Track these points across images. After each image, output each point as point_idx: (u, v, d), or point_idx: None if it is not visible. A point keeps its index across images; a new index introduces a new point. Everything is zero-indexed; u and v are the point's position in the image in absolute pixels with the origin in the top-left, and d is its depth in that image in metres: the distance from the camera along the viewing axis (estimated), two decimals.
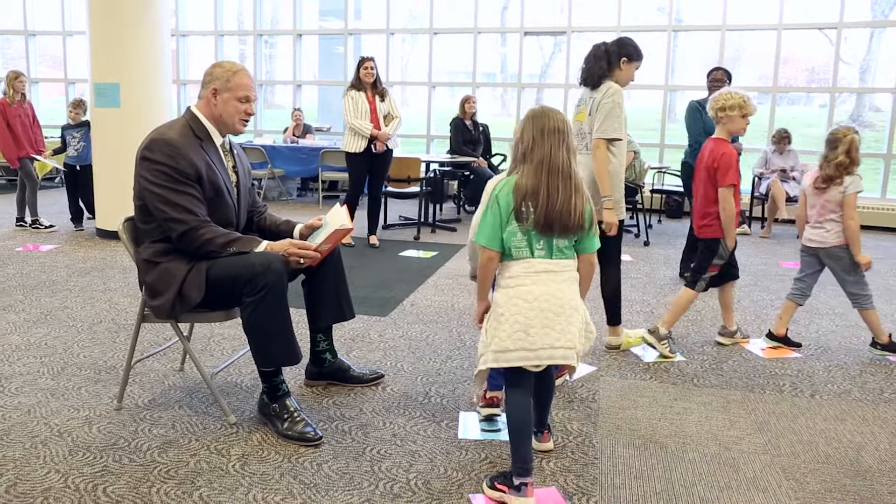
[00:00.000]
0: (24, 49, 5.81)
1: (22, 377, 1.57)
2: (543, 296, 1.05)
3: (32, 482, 1.13)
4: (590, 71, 1.71)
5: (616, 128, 1.64)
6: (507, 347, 1.04)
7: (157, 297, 1.29)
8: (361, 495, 1.11)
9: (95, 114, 3.15)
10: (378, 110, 3.02)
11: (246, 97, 1.31)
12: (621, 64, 1.70)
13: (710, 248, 1.77)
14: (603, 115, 1.64)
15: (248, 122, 1.35)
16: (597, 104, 1.67)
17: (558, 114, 1.10)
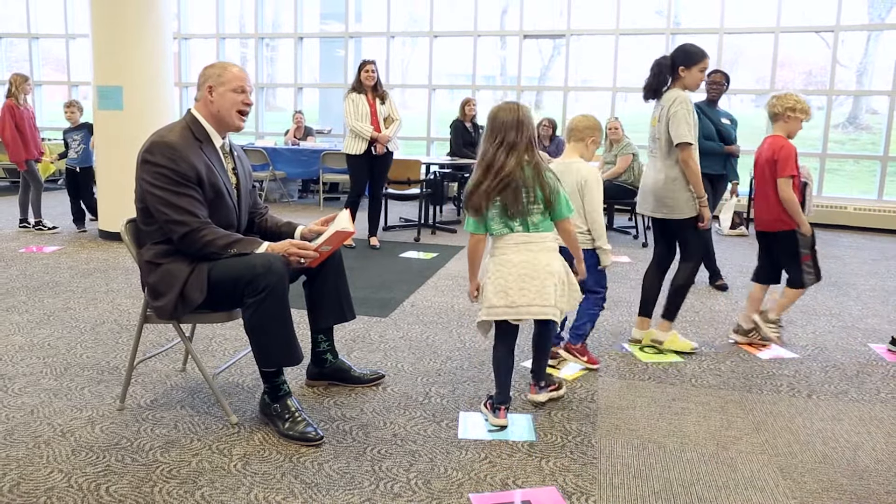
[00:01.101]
0: (28, 52, 5.84)
1: (25, 377, 1.58)
2: (521, 263, 1.31)
3: (35, 482, 1.14)
4: (648, 85, 1.80)
5: (683, 134, 1.71)
6: (494, 304, 1.32)
7: (159, 298, 1.31)
8: (362, 495, 1.12)
9: (98, 116, 3.18)
10: (378, 113, 3.04)
11: (241, 87, 1.32)
12: (681, 72, 1.75)
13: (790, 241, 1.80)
14: (676, 123, 1.71)
15: (246, 115, 1.35)
16: (666, 113, 1.74)
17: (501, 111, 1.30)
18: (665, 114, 1.73)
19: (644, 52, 4.89)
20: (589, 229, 1.63)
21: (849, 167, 8.06)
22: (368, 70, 3.00)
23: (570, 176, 1.63)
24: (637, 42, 4.81)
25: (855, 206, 4.11)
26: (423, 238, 3.50)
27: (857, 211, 4.11)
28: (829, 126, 4.35)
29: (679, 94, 1.73)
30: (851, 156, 8.31)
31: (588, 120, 1.67)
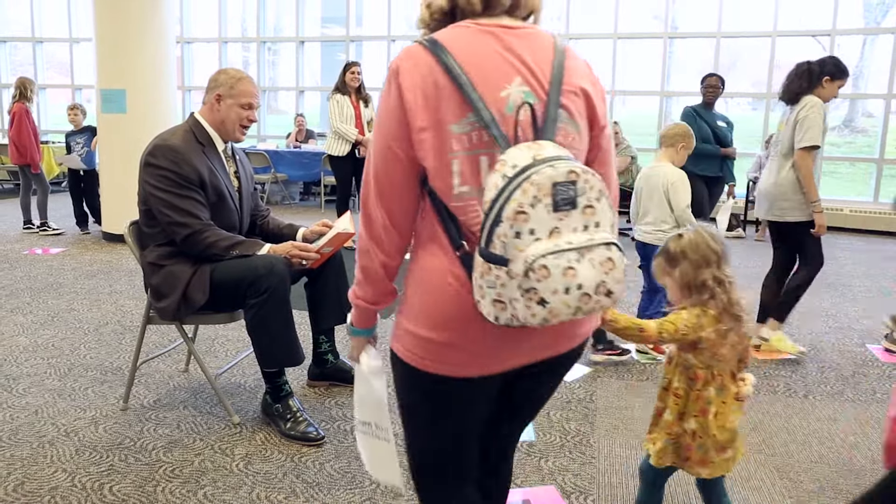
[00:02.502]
0: (32, 55, 5.88)
1: (29, 378, 1.59)
2: None
3: (40, 481, 1.15)
4: (788, 88, 1.82)
5: (812, 137, 1.73)
6: None
7: (162, 299, 1.32)
8: (363, 494, 1.13)
9: (102, 119, 3.20)
10: (362, 116, 3.05)
11: (249, 104, 1.34)
12: (824, 82, 1.78)
13: None
14: (804, 127, 1.74)
15: (247, 129, 1.37)
16: (795, 117, 1.77)
17: None
18: (794, 117, 1.76)
19: (642, 55, 4.93)
20: (672, 227, 1.73)
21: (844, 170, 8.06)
22: (354, 72, 3.00)
23: (657, 179, 1.75)
24: (635, 46, 4.85)
25: (851, 208, 4.14)
26: None
27: (852, 213, 4.13)
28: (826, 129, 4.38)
29: (816, 100, 1.76)
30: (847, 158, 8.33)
31: (679, 127, 1.80)
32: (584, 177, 0.54)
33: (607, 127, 0.65)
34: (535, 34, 0.60)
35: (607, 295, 0.54)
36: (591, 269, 0.53)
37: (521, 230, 0.52)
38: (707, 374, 0.88)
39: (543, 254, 0.52)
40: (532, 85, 0.58)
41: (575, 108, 0.60)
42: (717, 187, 2.73)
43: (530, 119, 0.56)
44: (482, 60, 0.57)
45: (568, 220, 0.53)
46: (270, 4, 5.60)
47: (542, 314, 0.52)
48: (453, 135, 0.57)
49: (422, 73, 0.57)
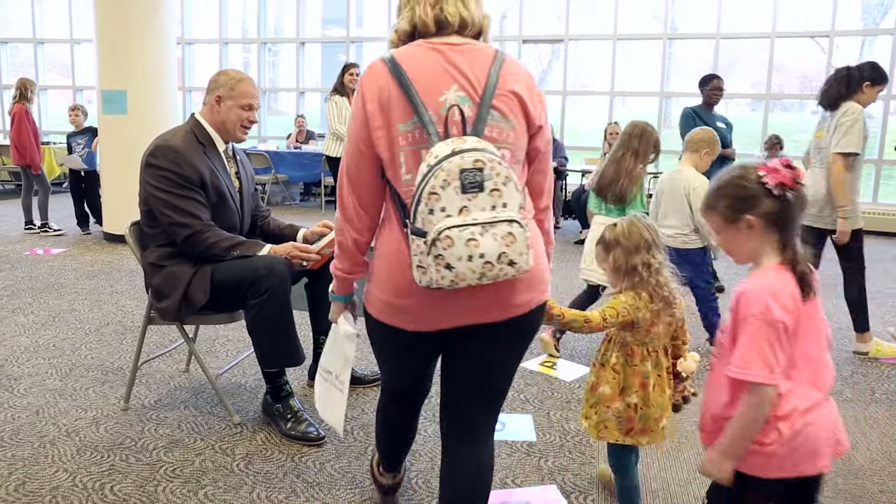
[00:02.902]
0: (33, 56, 5.89)
1: (31, 378, 1.60)
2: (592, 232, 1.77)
3: (41, 481, 1.15)
4: (827, 93, 1.82)
5: (853, 143, 1.74)
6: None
7: (163, 299, 1.32)
8: (363, 493, 1.13)
9: (103, 120, 3.21)
10: None
11: (249, 105, 1.34)
12: (864, 88, 1.79)
13: None
14: (842, 132, 1.74)
15: (248, 130, 1.38)
16: (835, 122, 1.77)
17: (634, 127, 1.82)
18: (834, 123, 1.76)
19: (641, 56, 4.94)
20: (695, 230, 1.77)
21: None
22: (353, 73, 3.01)
23: (678, 182, 1.78)
24: (634, 47, 4.86)
25: None
26: None
27: None
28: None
29: (856, 106, 1.76)
30: None
31: (704, 133, 1.83)
32: (489, 165, 0.67)
33: (544, 128, 0.78)
34: (477, 49, 0.75)
35: (510, 264, 0.67)
36: (493, 242, 0.66)
37: (434, 208, 0.66)
38: (642, 350, 0.97)
39: (449, 227, 0.65)
40: (468, 91, 0.72)
41: (508, 108, 0.73)
42: None
43: (461, 118, 0.70)
44: (427, 72, 0.72)
45: (476, 201, 0.66)
46: (271, 6, 5.61)
47: (450, 277, 0.66)
48: (400, 132, 0.72)
49: (379, 84, 0.73)
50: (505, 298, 0.74)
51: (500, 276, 0.67)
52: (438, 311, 0.74)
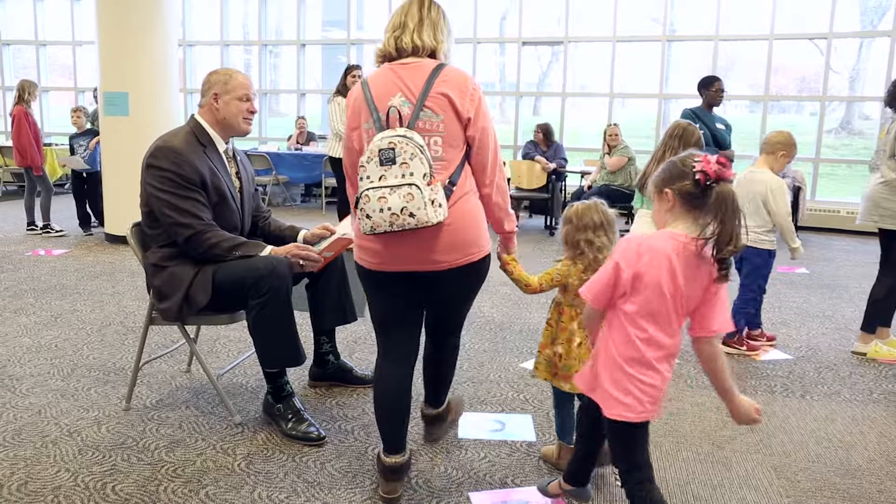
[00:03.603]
0: (35, 58, 5.91)
1: (33, 378, 1.61)
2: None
3: (43, 481, 1.16)
4: (893, 93, 1.82)
5: None
6: None
7: (164, 300, 1.33)
8: (364, 493, 1.14)
9: (104, 122, 3.21)
10: None
11: (246, 96, 1.35)
12: None
13: None
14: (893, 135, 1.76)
15: (251, 120, 1.39)
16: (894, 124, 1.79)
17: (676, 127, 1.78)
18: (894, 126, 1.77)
19: (640, 58, 4.96)
20: (767, 230, 1.78)
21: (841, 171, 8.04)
22: (355, 75, 3.02)
23: (754, 185, 1.78)
24: (633, 49, 4.88)
25: (847, 209, 4.14)
26: None
27: (849, 214, 4.14)
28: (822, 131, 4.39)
29: None
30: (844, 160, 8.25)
31: (781, 135, 1.81)
32: (400, 146, 0.95)
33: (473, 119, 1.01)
34: (421, 65, 1.02)
35: (410, 216, 0.94)
36: (398, 199, 0.94)
37: (363, 176, 0.98)
38: (571, 311, 1.14)
39: (367, 188, 0.96)
40: (408, 96, 1.01)
41: (437, 106, 1.00)
42: None
43: (398, 115, 0.99)
44: (380, 86, 1.03)
45: (390, 171, 0.95)
46: (272, 8, 5.63)
47: (370, 224, 0.96)
48: (364, 129, 1.04)
49: (354, 96, 1.06)
50: (428, 255, 1.01)
51: (406, 224, 0.94)
52: (384, 257, 1.03)
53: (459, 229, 0.99)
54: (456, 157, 1.00)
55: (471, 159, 1.03)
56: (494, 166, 1.05)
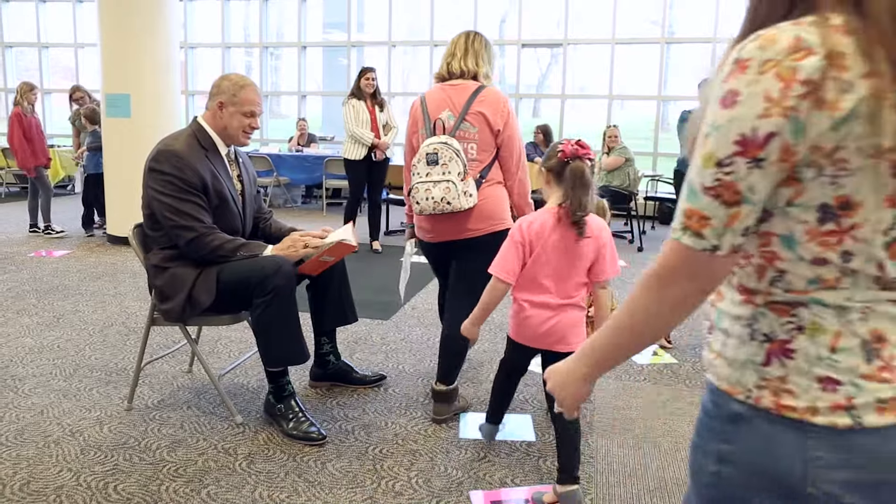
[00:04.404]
0: (38, 60, 5.93)
1: (35, 378, 1.61)
2: None
3: (45, 480, 1.16)
4: None
5: None
6: None
7: (167, 301, 1.34)
8: (364, 493, 1.14)
9: (106, 124, 3.23)
10: (378, 120, 3.10)
11: (251, 112, 1.36)
12: None
13: None
14: None
15: (251, 135, 1.40)
16: None
17: None
18: None
19: (639, 60, 4.98)
20: None
21: None
22: (368, 77, 3.05)
23: None
24: (632, 51, 4.90)
25: None
26: None
27: None
28: None
29: None
30: None
31: None
32: (441, 150, 1.31)
33: (502, 131, 1.36)
34: (464, 87, 1.38)
35: (448, 203, 1.31)
36: (439, 191, 1.31)
37: (414, 173, 1.36)
38: None
39: (416, 183, 1.33)
40: (453, 111, 1.37)
41: (474, 120, 1.36)
42: None
43: (443, 126, 1.36)
44: (434, 101, 1.40)
45: (434, 170, 1.32)
46: (273, 10, 5.65)
47: (419, 208, 1.34)
48: (420, 134, 1.41)
49: (415, 108, 1.44)
50: (463, 225, 1.36)
51: (445, 209, 1.32)
52: (432, 232, 1.41)
53: (486, 207, 1.35)
54: (487, 158, 1.37)
55: (500, 158, 1.38)
56: (518, 164, 1.39)
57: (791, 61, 0.36)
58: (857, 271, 0.40)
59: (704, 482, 0.45)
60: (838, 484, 0.39)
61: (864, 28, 0.36)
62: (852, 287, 0.40)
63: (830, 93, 0.36)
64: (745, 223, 0.39)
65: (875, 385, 0.39)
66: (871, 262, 0.39)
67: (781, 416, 0.41)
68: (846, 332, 0.40)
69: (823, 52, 0.36)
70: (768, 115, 0.37)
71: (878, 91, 0.36)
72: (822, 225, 0.39)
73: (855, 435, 0.39)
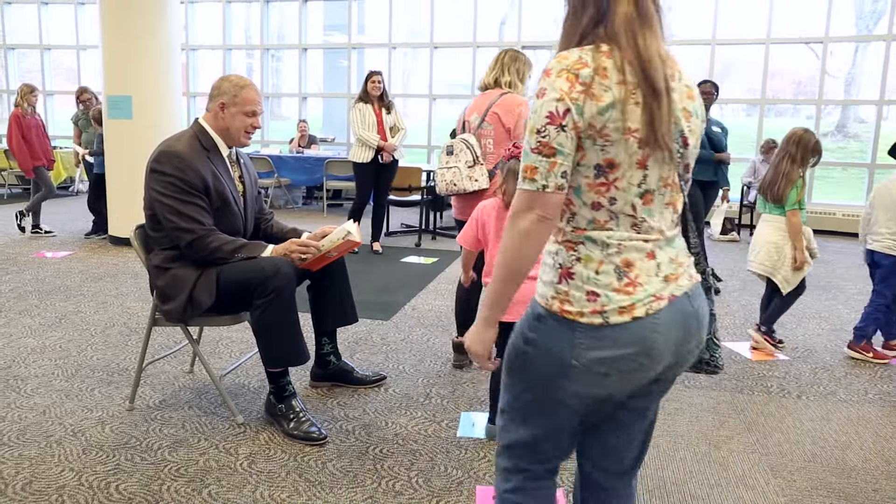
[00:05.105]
0: (40, 62, 5.93)
1: (37, 379, 1.62)
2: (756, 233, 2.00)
3: (47, 480, 1.17)
4: None
5: None
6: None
7: (168, 301, 1.34)
8: (364, 492, 1.15)
9: (108, 125, 3.24)
10: (384, 122, 3.11)
11: (252, 111, 1.36)
12: None
13: None
14: None
15: (252, 135, 1.40)
16: None
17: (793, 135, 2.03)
18: None
19: None
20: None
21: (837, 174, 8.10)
22: (375, 81, 3.07)
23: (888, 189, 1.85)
24: None
25: (843, 212, 4.15)
26: (423, 243, 3.54)
27: (845, 217, 4.13)
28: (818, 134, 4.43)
29: None
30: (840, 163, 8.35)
31: None
32: (456, 144, 1.72)
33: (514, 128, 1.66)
34: (490, 93, 1.72)
35: (454, 185, 1.69)
36: (449, 175, 1.71)
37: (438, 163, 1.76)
38: None
39: (438, 167, 1.74)
40: (480, 113, 1.71)
41: (491, 119, 1.69)
42: (712, 191, 2.76)
43: (468, 126, 1.74)
44: (471, 107, 1.76)
45: (450, 159, 1.72)
46: (274, 12, 5.67)
47: (437, 188, 1.75)
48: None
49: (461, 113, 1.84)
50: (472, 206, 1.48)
51: (452, 189, 1.68)
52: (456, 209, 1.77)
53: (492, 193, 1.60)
54: (502, 151, 1.63)
55: None
56: None
57: (575, 70, 0.60)
58: (619, 214, 0.62)
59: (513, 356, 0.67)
60: (592, 360, 0.62)
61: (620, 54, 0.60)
62: (615, 228, 0.62)
63: (597, 90, 0.59)
64: (561, 168, 0.61)
65: (620, 297, 0.62)
66: (628, 204, 0.62)
67: (563, 317, 0.63)
68: (606, 261, 0.62)
69: (594, 66, 0.60)
70: (563, 100, 0.60)
71: (625, 92, 0.59)
72: (596, 179, 0.61)
73: (605, 329, 0.61)
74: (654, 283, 0.62)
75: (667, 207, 0.64)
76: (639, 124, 0.59)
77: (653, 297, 0.61)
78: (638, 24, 0.60)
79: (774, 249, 1.85)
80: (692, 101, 0.64)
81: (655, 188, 0.62)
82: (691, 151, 0.65)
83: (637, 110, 0.59)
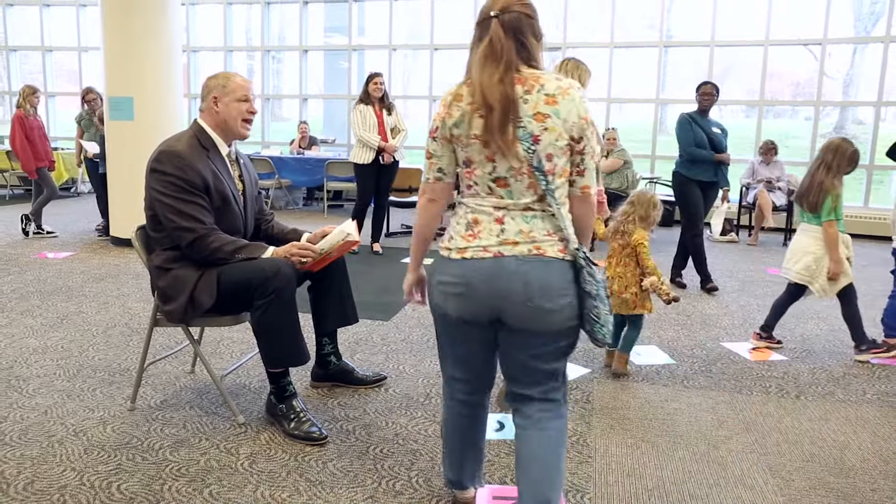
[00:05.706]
0: (42, 64, 5.94)
1: (39, 379, 1.62)
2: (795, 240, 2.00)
3: (49, 480, 1.17)
4: None
5: None
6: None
7: (169, 302, 1.35)
8: (365, 492, 1.15)
9: (110, 126, 3.24)
10: (385, 123, 3.12)
11: (245, 97, 1.36)
12: None
13: None
14: None
15: (250, 122, 1.39)
16: None
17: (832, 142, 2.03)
18: None
19: (637, 64, 5.01)
20: None
21: None
22: (376, 82, 3.08)
23: None
24: (631, 54, 4.94)
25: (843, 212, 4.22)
26: None
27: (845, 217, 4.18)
28: (816, 136, 4.39)
29: None
30: None
31: None
32: None
33: None
34: None
35: None
36: None
37: None
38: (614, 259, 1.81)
39: None
40: None
41: None
42: (712, 192, 2.76)
43: None
44: None
45: None
46: (275, 14, 5.69)
47: None
48: None
49: None
50: None
51: None
52: None
53: None
54: None
55: None
56: None
57: (446, 98, 0.92)
58: (480, 191, 0.92)
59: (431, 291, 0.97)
60: (438, 281, 0.95)
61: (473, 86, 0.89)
62: (475, 197, 0.93)
63: (453, 110, 0.91)
64: (437, 165, 0.94)
65: (462, 242, 0.93)
66: (485, 186, 0.92)
67: (442, 255, 0.95)
68: (463, 218, 0.94)
69: (455, 92, 0.92)
70: (436, 119, 0.93)
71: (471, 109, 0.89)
72: (464, 169, 0.93)
73: (447, 261, 0.94)
74: (488, 240, 0.89)
75: (528, 190, 0.89)
76: (479, 131, 0.87)
77: (482, 249, 0.89)
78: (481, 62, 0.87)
79: (813, 260, 1.84)
80: (552, 105, 0.87)
81: (507, 175, 0.89)
82: (544, 147, 0.87)
83: (481, 121, 0.87)
